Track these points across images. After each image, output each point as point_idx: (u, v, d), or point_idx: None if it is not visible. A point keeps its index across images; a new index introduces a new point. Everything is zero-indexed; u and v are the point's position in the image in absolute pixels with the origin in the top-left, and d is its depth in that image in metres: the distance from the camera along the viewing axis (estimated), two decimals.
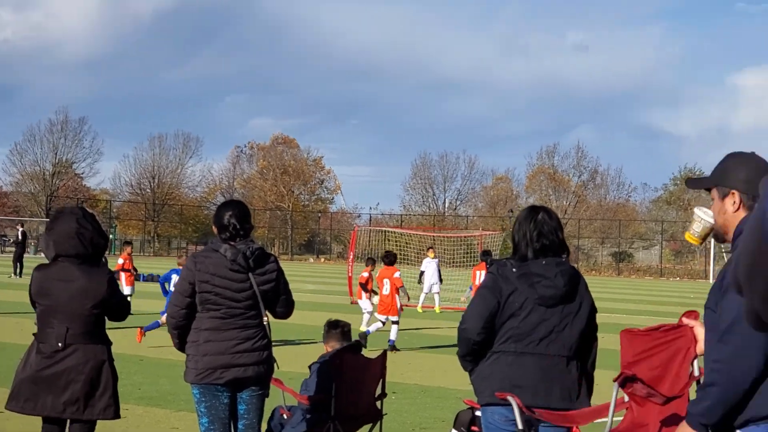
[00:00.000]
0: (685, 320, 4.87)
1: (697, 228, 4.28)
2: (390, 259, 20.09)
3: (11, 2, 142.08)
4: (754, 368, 3.71)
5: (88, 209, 7.08)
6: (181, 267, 18.93)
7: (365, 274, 21.70)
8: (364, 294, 21.52)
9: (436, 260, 31.23)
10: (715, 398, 3.76)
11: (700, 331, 4.53)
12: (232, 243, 6.62)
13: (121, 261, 23.69)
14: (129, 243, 25.97)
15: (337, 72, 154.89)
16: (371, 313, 21.09)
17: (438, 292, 30.18)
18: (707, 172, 4.24)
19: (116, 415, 6.85)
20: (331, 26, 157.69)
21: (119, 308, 6.83)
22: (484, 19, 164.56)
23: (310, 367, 8.13)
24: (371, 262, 22.19)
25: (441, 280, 30.61)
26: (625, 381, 5.02)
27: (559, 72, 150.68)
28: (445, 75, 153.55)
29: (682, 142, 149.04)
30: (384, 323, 19.34)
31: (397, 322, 19.08)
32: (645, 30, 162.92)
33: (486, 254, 24.41)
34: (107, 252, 7.41)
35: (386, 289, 19.31)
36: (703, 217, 4.27)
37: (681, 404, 4.81)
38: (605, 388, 13.74)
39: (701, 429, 3.85)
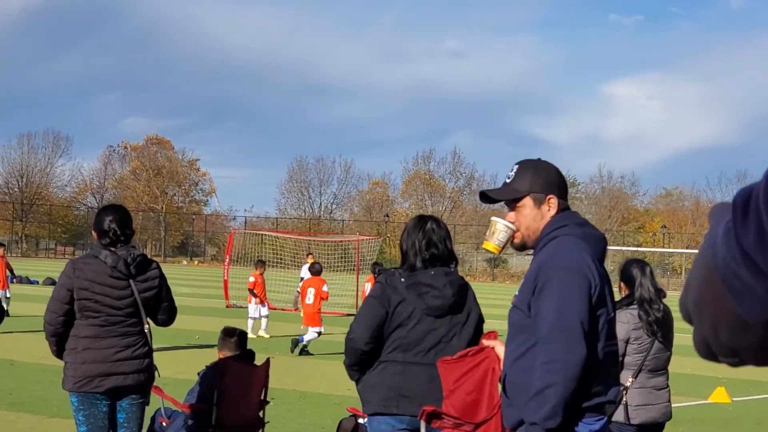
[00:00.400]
0: (485, 342, 4.94)
1: (501, 237, 4.37)
2: (317, 269, 20.10)
3: None
4: (583, 363, 3.84)
5: None
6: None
7: (252, 279, 21.63)
8: (253, 299, 21.47)
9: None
10: (557, 398, 3.81)
11: (500, 350, 4.61)
12: (113, 249, 6.50)
13: None
14: (2, 244, 25.26)
15: (213, 73, 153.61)
16: (255, 319, 21.01)
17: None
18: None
19: None
20: (207, 27, 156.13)
21: None
22: (362, 24, 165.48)
23: (198, 374, 8.03)
24: (261, 264, 22.18)
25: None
26: (429, 417, 4.99)
27: (436, 78, 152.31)
28: (323, 79, 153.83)
29: (556, 150, 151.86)
30: (319, 335, 19.25)
31: (320, 333, 19.09)
32: (520, 38, 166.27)
33: (376, 265, 24.60)
34: None
35: (310, 298, 19.17)
36: (508, 225, 4.35)
37: (493, 424, 4.80)
38: None
39: None
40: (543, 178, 4.22)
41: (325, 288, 19.50)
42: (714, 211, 1.15)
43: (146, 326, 6.59)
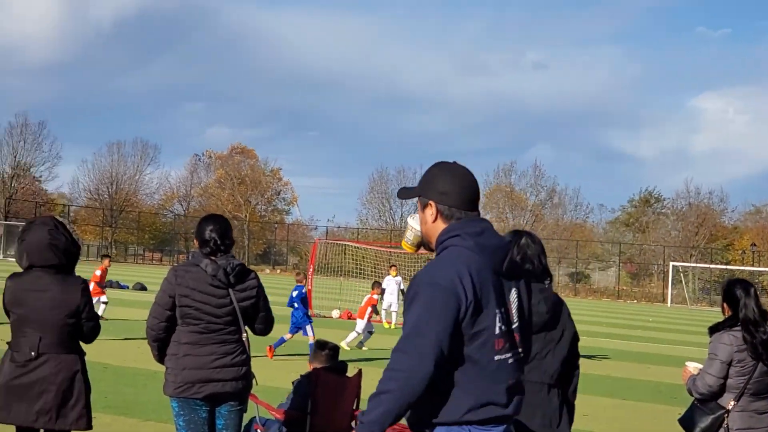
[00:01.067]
0: None
1: (409, 236, 4.38)
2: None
3: None
4: (427, 379, 3.81)
5: (59, 218, 7.03)
6: (300, 284, 19.92)
7: (375, 297, 23.14)
8: (366, 314, 22.39)
9: (398, 278, 31.32)
10: (389, 405, 3.83)
11: None
12: (213, 258, 6.63)
13: (98, 273, 23.56)
14: (107, 256, 25.83)
15: (296, 84, 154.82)
16: (360, 333, 21.67)
17: (396, 311, 30.22)
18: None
19: (88, 426, 6.82)
20: (291, 39, 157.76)
21: (90, 328, 6.75)
22: (443, 37, 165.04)
23: (293, 383, 8.15)
24: (377, 285, 23.93)
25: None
26: None
27: (517, 90, 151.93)
28: (404, 90, 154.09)
29: (641, 164, 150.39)
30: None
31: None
32: (604, 50, 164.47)
33: None
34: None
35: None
36: (413, 225, 4.35)
37: None
38: (580, 413, 13.85)
39: None
40: (430, 183, 4.15)
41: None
42: None
43: (244, 335, 6.69)
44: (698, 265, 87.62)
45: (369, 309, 22.45)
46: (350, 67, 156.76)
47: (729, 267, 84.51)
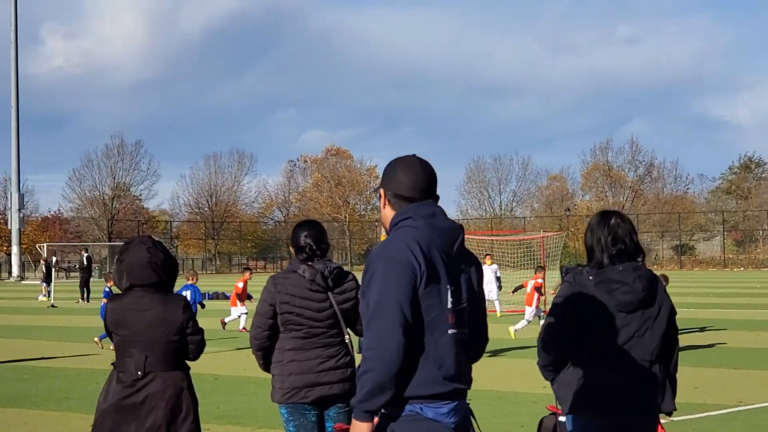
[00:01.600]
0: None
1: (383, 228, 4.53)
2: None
3: (61, 30, 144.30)
4: (401, 349, 3.95)
5: (154, 238, 7.13)
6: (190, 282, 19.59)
7: (540, 281, 22.79)
8: (534, 300, 22.45)
9: (494, 266, 31.15)
10: (372, 383, 3.95)
11: None
12: (310, 263, 6.74)
13: (240, 285, 24.17)
14: (249, 269, 26.48)
15: (385, 81, 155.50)
16: (530, 321, 22.00)
17: (496, 299, 30.07)
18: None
19: None
20: (376, 37, 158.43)
21: (196, 343, 6.82)
22: (528, 19, 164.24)
23: None
24: (541, 270, 23.78)
25: (500, 287, 30.53)
26: None
27: (608, 67, 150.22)
28: (493, 77, 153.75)
29: (739, 131, 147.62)
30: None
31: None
32: (694, 18, 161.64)
33: (564, 268, 24.94)
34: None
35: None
36: None
37: None
38: (683, 385, 13.72)
39: (367, 417, 4.02)
40: (385, 174, 4.39)
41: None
42: None
43: (347, 337, 6.79)
44: None
45: (535, 294, 22.28)
46: (439, 60, 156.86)
47: None
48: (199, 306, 19.13)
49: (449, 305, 4.13)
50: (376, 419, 4.08)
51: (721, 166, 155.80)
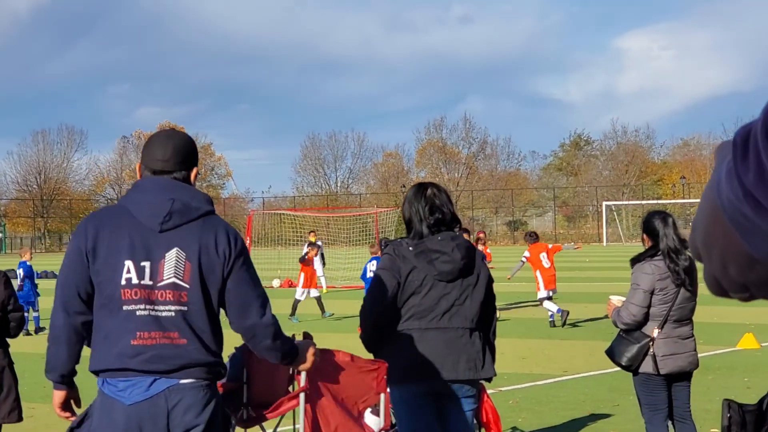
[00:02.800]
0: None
1: None
2: (535, 237, 19.98)
3: None
4: (67, 323, 4.16)
5: None
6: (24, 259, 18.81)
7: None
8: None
9: (318, 243, 31.18)
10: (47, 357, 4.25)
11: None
12: None
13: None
14: (317, 245, 25.72)
15: (222, 57, 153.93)
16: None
17: (322, 275, 30.07)
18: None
19: (20, 418, 6.76)
20: (212, 11, 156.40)
21: (17, 322, 6.61)
22: None
23: (228, 357, 8.13)
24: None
25: (324, 263, 30.54)
26: None
27: (445, 45, 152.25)
28: (331, 54, 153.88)
29: (570, 109, 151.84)
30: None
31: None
32: None
33: (383, 240, 24.35)
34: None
35: (546, 262, 19.10)
36: None
37: None
38: (510, 356, 14.04)
39: (58, 386, 4.34)
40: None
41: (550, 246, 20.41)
42: (719, 149, 1.17)
43: None
44: (630, 202, 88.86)
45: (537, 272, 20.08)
46: (275, 36, 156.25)
47: (660, 201, 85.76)
48: (21, 283, 18.50)
49: (123, 281, 4.00)
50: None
51: (552, 143, 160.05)
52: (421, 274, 5.29)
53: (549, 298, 19.13)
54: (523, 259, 19.71)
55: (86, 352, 4.16)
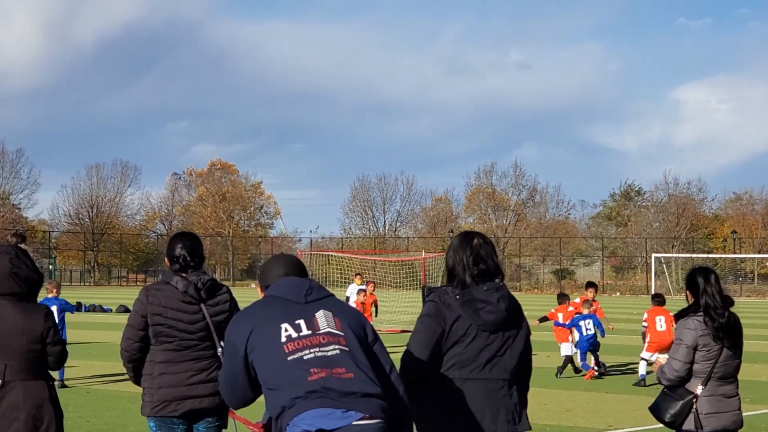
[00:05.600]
0: None
1: None
2: (660, 300, 18.84)
3: None
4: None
5: (21, 246, 6.95)
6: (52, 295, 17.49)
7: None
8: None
9: (363, 286, 31.15)
10: None
11: None
12: (184, 275, 6.67)
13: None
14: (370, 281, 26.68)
15: (280, 96, 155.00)
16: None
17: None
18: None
19: None
20: (271, 51, 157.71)
21: (57, 354, 6.67)
22: (426, 40, 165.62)
23: None
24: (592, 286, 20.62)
25: (376, 313, 30.45)
26: None
27: (501, 91, 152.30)
28: (387, 96, 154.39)
29: (623, 158, 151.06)
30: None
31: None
32: (585, 46, 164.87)
33: (425, 288, 24.22)
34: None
35: (661, 326, 18.16)
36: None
37: None
38: (554, 408, 13.94)
39: None
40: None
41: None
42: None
43: (219, 350, 6.72)
44: (680, 255, 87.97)
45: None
46: (334, 77, 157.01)
47: (711, 255, 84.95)
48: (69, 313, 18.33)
49: (283, 338, 4.55)
50: None
51: (602, 192, 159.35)
52: (466, 323, 5.30)
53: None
54: (645, 325, 18.62)
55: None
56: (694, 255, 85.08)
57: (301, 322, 4.58)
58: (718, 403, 6.89)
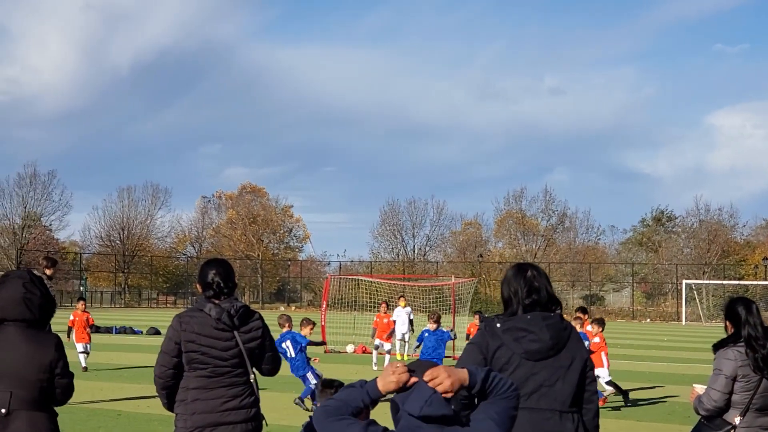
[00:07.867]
0: None
1: None
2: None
3: None
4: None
5: (35, 272, 6.83)
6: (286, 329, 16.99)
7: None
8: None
9: (408, 309, 31.20)
10: None
11: None
12: (217, 301, 6.68)
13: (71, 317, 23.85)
14: (82, 299, 26.16)
15: (312, 119, 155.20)
16: None
17: (408, 341, 30.13)
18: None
19: None
20: (304, 76, 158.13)
21: (64, 386, 6.50)
22: (459, 64, 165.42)
23: (302, 425, 8.15)
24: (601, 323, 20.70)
25: (413, 330, 30.59)
26: None
27: (533, 116, 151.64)
28: (420, 120, 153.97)
29: (654, 183, 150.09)
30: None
31: None
32: (620, 71, 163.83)
33: (479, 313, 24.47)
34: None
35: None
36: None
37: None
38: None
39: None
40: None
41: None
42: None
43: (252, 376, 6.73)
44: (711, 282, 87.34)
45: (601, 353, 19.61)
46: (364, 101, 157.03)
47: (742, 282, 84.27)
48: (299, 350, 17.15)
49: None
50: None
51: (632, 218, 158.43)
52: (508, 351, 5.29)
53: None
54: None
55: None
56: (725, 282, 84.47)
57: None
58: None
